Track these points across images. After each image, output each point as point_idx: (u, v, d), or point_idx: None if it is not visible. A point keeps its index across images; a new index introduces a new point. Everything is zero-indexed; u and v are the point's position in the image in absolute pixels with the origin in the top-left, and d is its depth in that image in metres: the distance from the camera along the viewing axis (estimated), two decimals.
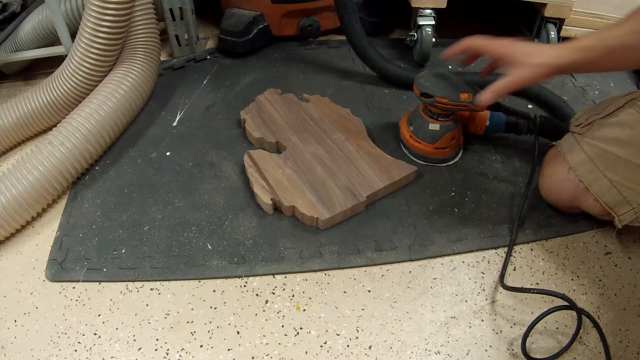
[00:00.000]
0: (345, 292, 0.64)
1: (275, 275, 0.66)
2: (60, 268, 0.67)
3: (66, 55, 0.85)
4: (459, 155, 0.83)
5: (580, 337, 0.60)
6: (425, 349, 0.58)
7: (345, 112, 0.87)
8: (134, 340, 0.59)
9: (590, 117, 0.68)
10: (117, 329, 0.60)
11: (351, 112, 0.87)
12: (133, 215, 0.74)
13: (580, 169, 0.66)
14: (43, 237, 0.72)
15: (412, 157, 0.82)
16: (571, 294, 0.64)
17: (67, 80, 0.83)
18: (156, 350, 0.58)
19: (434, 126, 0.78)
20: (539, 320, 0.58)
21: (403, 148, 0.84)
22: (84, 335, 0.60)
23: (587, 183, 0.65)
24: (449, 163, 0.82)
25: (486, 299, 0.64)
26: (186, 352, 0.58)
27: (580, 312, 0.59)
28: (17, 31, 1.01)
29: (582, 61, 0.61)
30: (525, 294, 0.64)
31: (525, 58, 0.63)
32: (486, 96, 0.67)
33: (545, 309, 0.59)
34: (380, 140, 0.85)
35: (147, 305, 0.63)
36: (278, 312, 0.62)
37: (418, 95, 0.75)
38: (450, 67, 1.06)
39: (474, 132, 0.85)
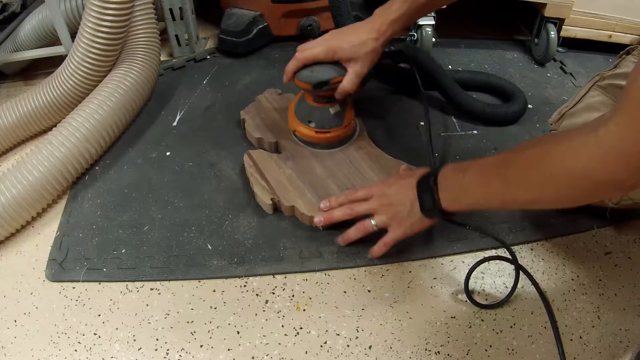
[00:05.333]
0: (345, 292, 0.64)
1: (275, 275, 0.66)
2: (60, 268, 0.67)
3: (66, 55, 0.85)
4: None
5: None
6: (425, 349, 0.58)
7: None
8: (134, 340, 0.59)
9: (561, 110, 0.71)
10: (117, 329, 0.60)
11: None
12: (133, 215, 0.74)
13: None
14: (43, 237, 0.72)
15: (328, 150, 0.79)
16: (571, 294, 0.64)
17: (67, 80, 0.83)
18: (156, 350, 0.58)
19: (335, 108, 0.76)
20: (478, 266, 0.64)
21: (311, 148, 0.79)
22: (84, 335, 0.60)
23: None
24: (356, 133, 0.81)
25: (486, 299, 0.63)
26: (186, 352, 0.58)
27: (519, 268, 0.63)
28: (17, 31, 1.01)
29: None
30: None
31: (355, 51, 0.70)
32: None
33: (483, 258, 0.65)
34: (380, 140, 0.85)
35: (147, 305, 0.63)
36: (278, 312, 0.62)
37: (310, 88, 0.72)
38: (450, 66, 1.06)
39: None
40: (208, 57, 1.09)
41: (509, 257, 0.64)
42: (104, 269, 0.67)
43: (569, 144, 0.45)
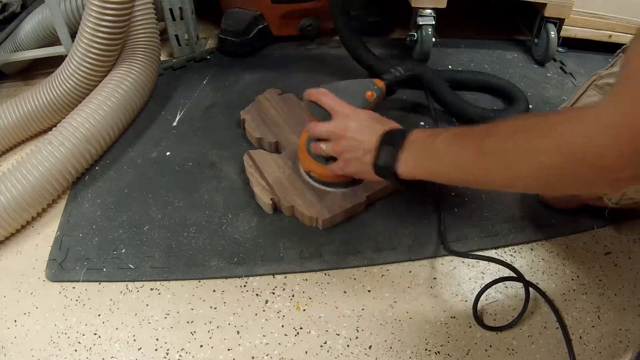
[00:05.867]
0: (345, 292, 0.64)
1: (275, 275, 0.66)
2: (60, 268, 0.67)
3: (66, 55, 0.85)
4: None
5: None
6: (425, 349, 0.58)
7: None
8: (134, 340, 0.59)
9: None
10: (117, 329, 0.60)
11: None
12: (133, 215, 0.74)
13: None
14: (43, 237, 0.72)
15: (340, 190, 0.72)
16: (571, 294, 0.64)
17: (67, 80, 0.83)
18: (156, 350, 0.58)
19: None
20: (487, 289, 0.63)
21: (331, 189, 0.72)
22: (84, 335, 0.60)
23: None
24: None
25: (486, 299, 0.64)
26: (186, 352, 0.58)
27: (528, 284, 0.62)
28: (17, 31, 1.01)
29: None
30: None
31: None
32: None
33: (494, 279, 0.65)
34: None
35: (147, 305, 0.63)
36: (278, 312, 0.62)
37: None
38: (450, 66, 1.06)
39: None
40: (208, 57, 1.09)
41: (515, 275, 0.64)
42: (104, 269, 0.67)
43: (562, 117, 0.40)
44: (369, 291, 0.64)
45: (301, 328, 0.60)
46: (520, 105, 0.89)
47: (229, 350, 0.58)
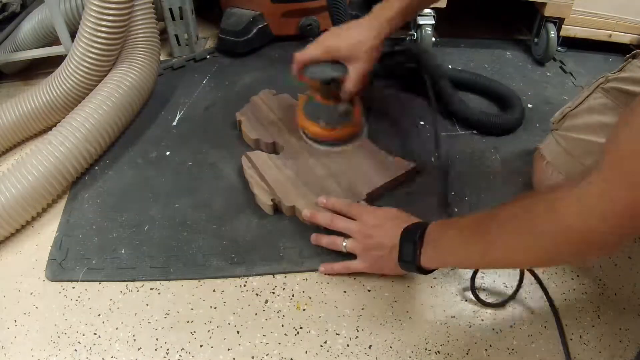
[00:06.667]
0: (345, 291, 0.64)
1: (275, 275, 0.66)
2: (60, 268, 0.67)
3: (66, 55, 0.85)
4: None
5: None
6: (425, 349, 0.58)
7: None
8: (134, 340, 0.59)
9: (564, 111, 0.71)
10: (117, 329, 0.60)
11: None
12: (133, 215, 0.74)
13: (556, 161, 0.67)
14: (43, 237, 0.72)
15: (337, 147, 0.79)
16: (571, 294, 0.64)
17: (67, 80, 0.83)
18: (156, 350, 0.58)
19: (344, 105, 0.76)
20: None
21: (323, 147, 0.79)
22: (84, 335, 0.60)
23: (566, 173, 0.66)
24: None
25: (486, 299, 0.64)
26: (186, 352, 0.58)
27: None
28: (17, 31, 1.01)
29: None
30: None
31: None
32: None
33: None
34: (379, 139, 0.84)
35: (147, 305, 0.63)
36: (278, 312, 0.62)
37: (319, 85, 0.74)
38: (450, 66, 1.06)
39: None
40: (208, 57, 1.09)
41: None
42: (104, 269, 0.67)
43: (548, 199, 0.43)
44: (369, 291, 0.64)
45: (301, 328, 0.60)
46: (514, 112, 0.89)
47: (229, 350, 0.58)
